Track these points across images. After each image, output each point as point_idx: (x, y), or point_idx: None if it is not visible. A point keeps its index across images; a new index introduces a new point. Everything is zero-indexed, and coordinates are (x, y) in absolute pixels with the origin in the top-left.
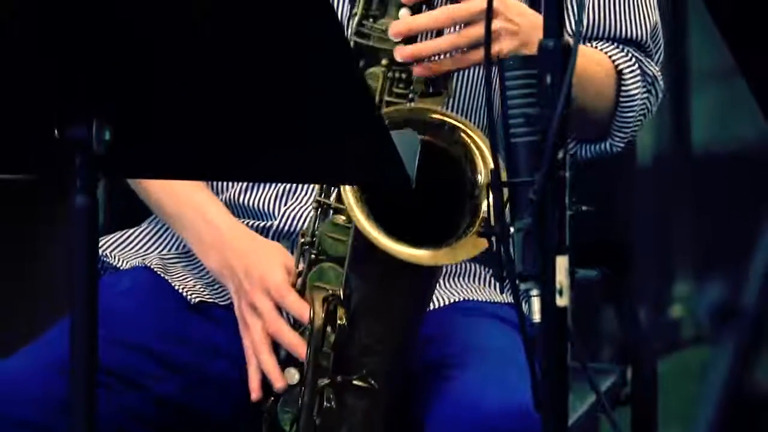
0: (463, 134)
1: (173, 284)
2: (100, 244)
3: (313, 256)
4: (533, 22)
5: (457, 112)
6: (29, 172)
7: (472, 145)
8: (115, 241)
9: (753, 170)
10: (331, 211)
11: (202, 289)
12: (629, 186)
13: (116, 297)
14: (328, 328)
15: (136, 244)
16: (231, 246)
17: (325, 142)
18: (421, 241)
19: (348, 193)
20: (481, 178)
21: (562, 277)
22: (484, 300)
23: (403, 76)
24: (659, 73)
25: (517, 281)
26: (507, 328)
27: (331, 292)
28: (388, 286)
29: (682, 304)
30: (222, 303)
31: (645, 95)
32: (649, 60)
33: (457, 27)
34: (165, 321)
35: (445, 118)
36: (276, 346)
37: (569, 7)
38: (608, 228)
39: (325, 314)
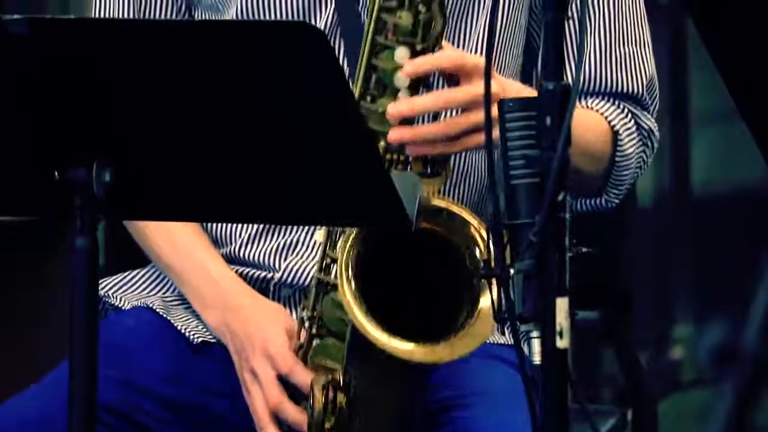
0: (461, 222)
1: (175, 324)
2: (101, 285)
3: (314, 330)
4: None
5: (455, 161)
6: (29, 214)
7: (473, 233)
8: (117, 282)
9: (753, 212)
10: (330, 287)
11: (204, 330)
12: (629, 227)
13: (120, 336)
14: (328, 411)
15: (138, 286)
16: (231, 305)
17: (325, 183)
18: (419, 334)
19: (345, 287)
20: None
21: (562, 318)
22: (486, 341)
23: (401, 157)
24: (655, 125)
25: (517, 323)
26: (509, 369)
27: (330, 378)
28: (386, 381)
29: (683, 346)
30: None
31: (641, 150)
32: (645, 113)
33: (457, 111)
34: (168, 361)
35: (443, 205)
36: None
37: (567, 64)
38: (608, 270)
39: (325, 399)
